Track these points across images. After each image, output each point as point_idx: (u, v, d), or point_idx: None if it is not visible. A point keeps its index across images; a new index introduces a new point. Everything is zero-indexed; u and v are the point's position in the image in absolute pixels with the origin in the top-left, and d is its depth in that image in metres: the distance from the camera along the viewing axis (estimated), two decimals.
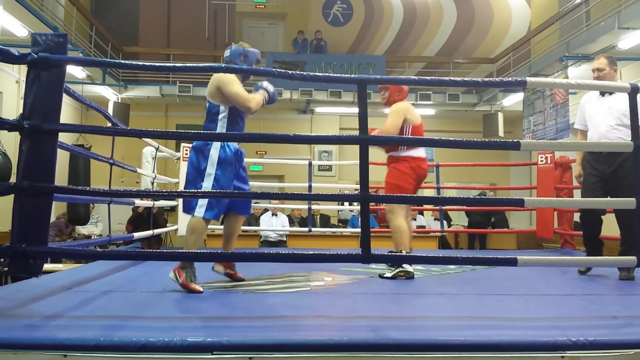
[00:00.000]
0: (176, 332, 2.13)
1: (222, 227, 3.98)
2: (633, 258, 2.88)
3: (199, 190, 3.38)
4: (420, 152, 4.29)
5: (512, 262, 2.75)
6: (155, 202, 6.26)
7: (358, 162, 2.77)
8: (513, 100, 11.20)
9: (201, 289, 3.22)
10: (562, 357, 2.08)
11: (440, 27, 14.04)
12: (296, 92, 11.71)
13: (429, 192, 10.79)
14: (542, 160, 6.75)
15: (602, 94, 4.21)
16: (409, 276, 3.98)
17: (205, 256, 3.34)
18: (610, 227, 4.48)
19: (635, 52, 8.16)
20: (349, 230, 8.42)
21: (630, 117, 2.99)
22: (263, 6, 14.21)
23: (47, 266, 5.42)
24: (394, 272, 3.99)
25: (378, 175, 4.69)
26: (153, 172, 6.16)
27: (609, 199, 4.03)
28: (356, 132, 2.81)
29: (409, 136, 4.22)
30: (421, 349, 2.08)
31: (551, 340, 2.11)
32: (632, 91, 2.98)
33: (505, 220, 11.37)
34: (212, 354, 2.00)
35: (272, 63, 11.93)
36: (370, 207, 4.90)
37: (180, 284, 3.23)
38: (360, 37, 14.01)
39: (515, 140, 2.89)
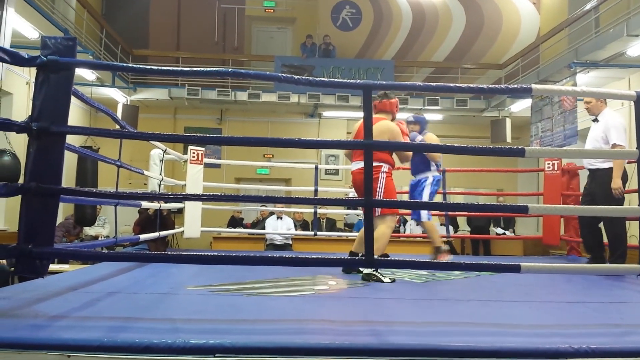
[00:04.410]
0: (179, 334, 2.15)
1: (228, 229, 4.04)
2: (637, 266, 2.88)
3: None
4: (352, 165, 4.59)
5: (516, 269, 2.76)
6: (165, 204, 6.30)
7: None
8: (521, 106, 11.16)
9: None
10: None
11: (449, 32, 14.03)
12: (304, 96, 11.73)
13: (436, 197, 10.75)
14: (549, 167, 6.74)
15: (594, 120, 4.74)
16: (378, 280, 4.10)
17: (211, 259, 3.35)
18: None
19: None
20: (354, 234, 8.41)
21: (636, 126, 2.99)
22: (272, 10, 14.26)
23: (53, 267, 5.46)
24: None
25: None
26: (160, 174, 6.19)
27: (615, 206, 4.03)
28: None
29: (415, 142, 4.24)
30: (423, 354, 2.09)
31: (553, 347, 2.11)
32: (638, 99, 2.98)
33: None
34: (215, 357, 2.01)
35: (281, 67, 11.97)
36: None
37: None
38: (368, 41, 14.02)
39: (520, 147, 2.90)
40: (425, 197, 5.32)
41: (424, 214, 5.29)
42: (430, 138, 5.28)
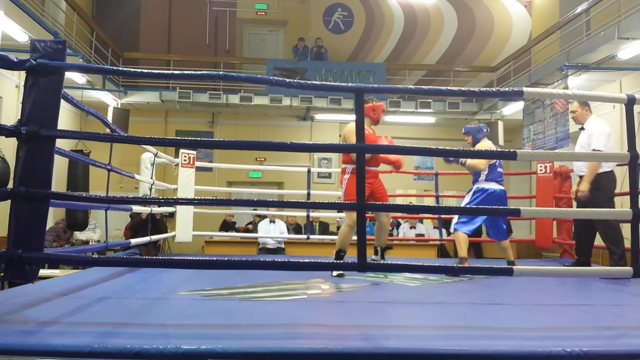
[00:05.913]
0: (171, 340, 2.13)
1: (220, 234, 4.02)
2: (629, 269, 2.88)
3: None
4: None
5: (508, 272, 2.76)
6: (157, 208, 6.26)
7: None
8: (513, 109, 11.20)
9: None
10: None
11: (441, 35, 14.06)
12: (296, 99, 11.73)
13: (429, 201, 10.78)
14: (541, 170, 6.76)
15: (581, 129, 4.75)
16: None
17: (202, 263, 3.32)
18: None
19: (635, 62, 8.17)
20: None
21: (627, 129, 3.00)
22: (264, 13, 14.24)
23: (44, 272, 5.42)
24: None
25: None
26: (151, 178, 6.16)
27: (606, 209, 4.04)
28: None
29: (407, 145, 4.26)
30: (415, 358, 2.08)
31: (546, 350, 2.11)
32: (629, 102, 2.99)
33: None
34: None
35: (273, 70, 11.96)
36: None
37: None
38: (360, 44, 14.02)
39: (512, 150, 2.90)
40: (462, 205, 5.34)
41: (453, 224, 5.28)
42: (482, 146, 5.02)
